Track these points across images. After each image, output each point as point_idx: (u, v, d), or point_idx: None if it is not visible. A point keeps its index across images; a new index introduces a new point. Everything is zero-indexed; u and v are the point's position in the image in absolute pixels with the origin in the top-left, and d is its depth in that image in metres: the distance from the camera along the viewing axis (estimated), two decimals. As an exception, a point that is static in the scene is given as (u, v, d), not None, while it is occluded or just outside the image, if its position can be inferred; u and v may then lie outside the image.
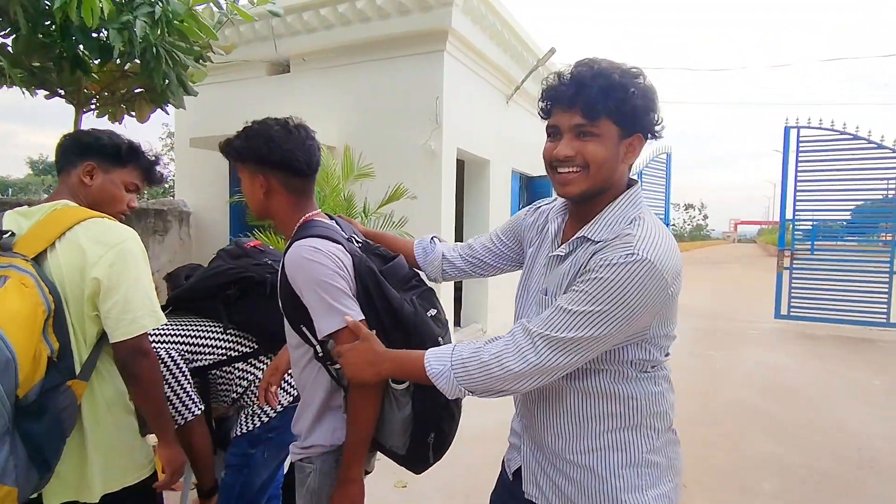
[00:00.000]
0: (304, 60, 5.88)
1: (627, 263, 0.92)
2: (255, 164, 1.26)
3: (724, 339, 7.02)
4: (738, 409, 4.23)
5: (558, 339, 0.95)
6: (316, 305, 1.13)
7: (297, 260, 1.15)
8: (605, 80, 0.95)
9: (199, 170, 6.59)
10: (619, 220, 1.01)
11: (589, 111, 0.96)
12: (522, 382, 0.98)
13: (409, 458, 1.26)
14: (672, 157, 10.29)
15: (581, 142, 0.98)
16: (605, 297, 0.92)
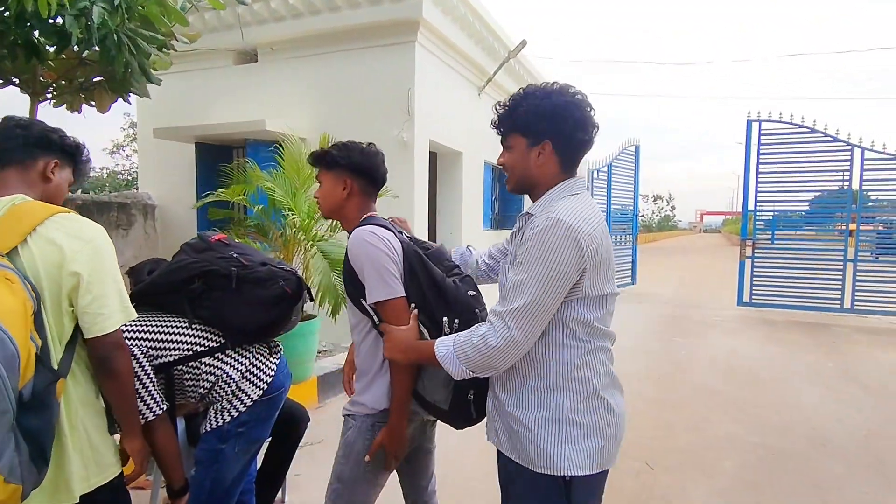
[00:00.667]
0: (272, 49, 5.76)
1: (547, 226, 1.14)
2: (345, 170, 1.56)
3: (689, 326, 7.25)
4: (702, 393, 4.39)
5: (515, 309, 1.14)
6: (369, 278, 1.41)
7: (358, 241, 1.44)
8: (511, 102, 1.25)
9: (164, 161, 6.41)
10: (551, 199, 1.24)
11: (503, 130, 1.29)
12: (506, 356, 1.16)
13: (453, 414, 1.45)
14: (641, 149, 10.51)
15: (505, 153, 1.31)
16: (534, 259, 1.14)
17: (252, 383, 1.60)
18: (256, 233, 3.96)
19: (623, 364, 5.58)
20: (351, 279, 1.47)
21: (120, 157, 24.40)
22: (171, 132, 5.72)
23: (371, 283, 1.41)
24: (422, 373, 1.44)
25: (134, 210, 6.14)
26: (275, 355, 1.72)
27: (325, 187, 1.59)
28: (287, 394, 1.77)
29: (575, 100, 1.23)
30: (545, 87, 1.24)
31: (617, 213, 10.39)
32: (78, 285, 1.18)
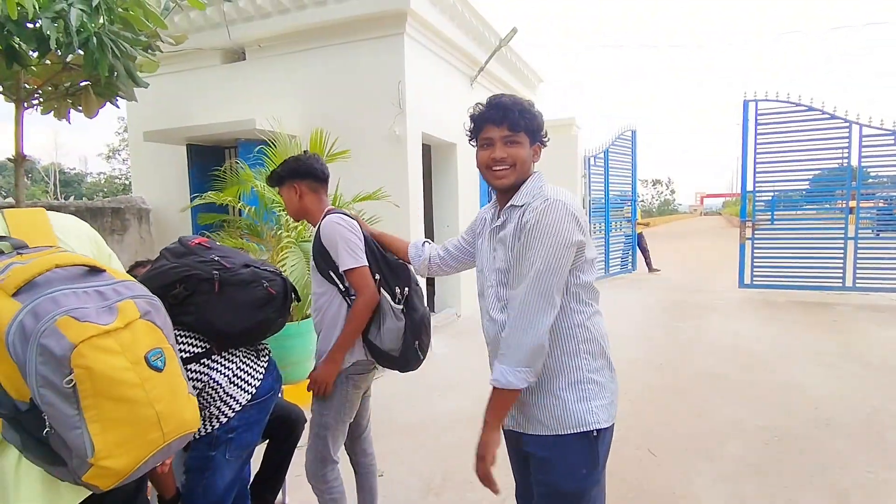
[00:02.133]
0: (259, 47, 5.70)
1: (545, 206, 1.30)
2: (290, 180, 1.97)
3: (690, 310, 7.22)
4: (704, 378, 4.37)
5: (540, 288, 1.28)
6: (342, 252, 1.82)
7: (331, 224, 1.86)
8: (520, 107, 1.39)
9: (157, 164, 6.37)
10: (532, 189, 1.40)
11: (513, 126, 1.38)
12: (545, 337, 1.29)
13: (402, 359, 1.91)
14: (637, 134, 10.42)
15: (510, 148, 1.39)
16: (544, 234, 1.27)
17: (240, 388, 1.57)
18: (250, 234, 3.93)
19: (625, 351, 5.59)
20: (323, 257, 1.86)
21: (116, 162, 24.33)
22: (162, 135, 5.67)
23: (343, 255, 1.82)
24: (380, 327, 1.86)
25: (128, 215, 6.11)
26: (263, 358, 1.69)
27: (285, 199, 2.02)
28: (278, 396, 1.74)
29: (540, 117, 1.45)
30: (528, 102, 1.44)
31: (615, 198, 10.33)
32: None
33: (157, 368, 0.97)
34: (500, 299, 1.40)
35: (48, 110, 4.37)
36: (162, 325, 1.04)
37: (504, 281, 1.39)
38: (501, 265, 1.39)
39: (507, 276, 1.37)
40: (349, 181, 4.53)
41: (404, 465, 2.94)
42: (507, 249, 1.37)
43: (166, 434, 0.98)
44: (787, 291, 8.04)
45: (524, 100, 1.43)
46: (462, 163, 6.65)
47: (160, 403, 0.96)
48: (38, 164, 38.02)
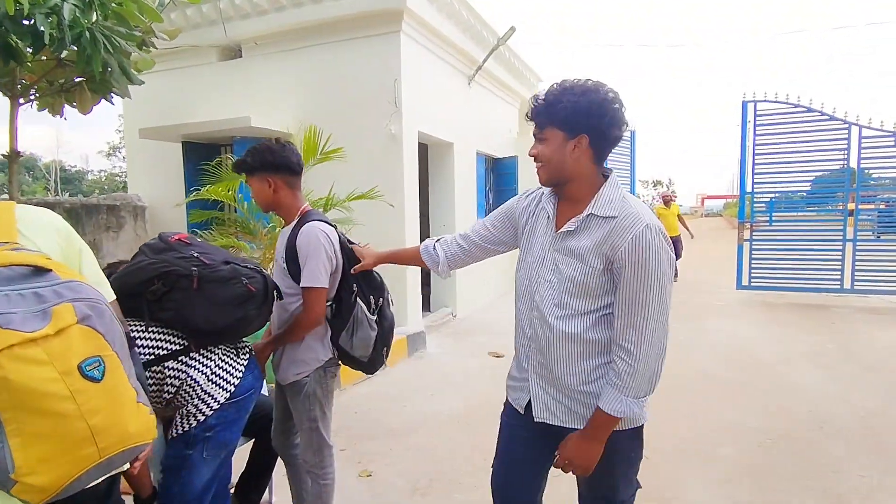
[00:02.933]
0: (255, 44, 5.67)
1: (640, 232, 1.25)
2: (264, 171, 1.89)
3: (688, 311, 7.19)
4: (701, 380, 4.34)
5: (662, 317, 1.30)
6: (309, 266, 1.82)
7: (313, 234, 1.83)
8: (550, 97, 1.31)
9: (153, 162, 6.35)
10: (613, 199, 1.32)
11: (539, 123, 1.34)
12: (664, 354, 1.35)
13: (369, 364, 2.03)
14: (637, 134, 10.38)
15: (539, 145, 1.35)
16: (650, 266, 1.25)
17: (218, 386, 1.54)
18: (242, 232, 3.91)
19: (619, 352, 5.47)
20: (294, 260, 1.86)
21: (117, 159, 24.36)
22: (157, 132, 5.65)
23: (309, 271, 1.82)
24: (353, 335, 1.93)
25: (124, 212, 6.08)
26: (242, 356, 1.66)
27: (254, 190, 1.95)
28: (259, 395, 1.72)
29: (610, 97, 1.30)
30: (582, 84, 1.30)
31: (614, 199, 10.29)
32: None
33: (93, 379, 0.90)
34: (563, 308, 1.36)
35: (44, 107, 4.34)
36: (105, 330, 0.96)
37: (575, 292, 1.34)
38: (575, 275, 1.33)
39: (581, 288, 1.33)
40: (344, 180, 4.50)
41: (392, 466, 2.91)
42: (588, 264, 1.31)
43: (103, 449, 0.91)
44: (785, 293, 8.00)
45: (568, 85, 1.30)
46: (459, 162, 6.62)
47: (96, 416, 0.90)
48: (40, 161, 38.07)
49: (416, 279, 5.70)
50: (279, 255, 1.97)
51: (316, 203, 3.96)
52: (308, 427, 1.97)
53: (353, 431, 3.38)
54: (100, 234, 5.80)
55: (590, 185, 1.34)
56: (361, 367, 2.04)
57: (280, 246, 1.97)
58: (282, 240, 1.97)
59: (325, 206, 3.95)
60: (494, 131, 7.97)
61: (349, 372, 4.21)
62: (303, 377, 1.92)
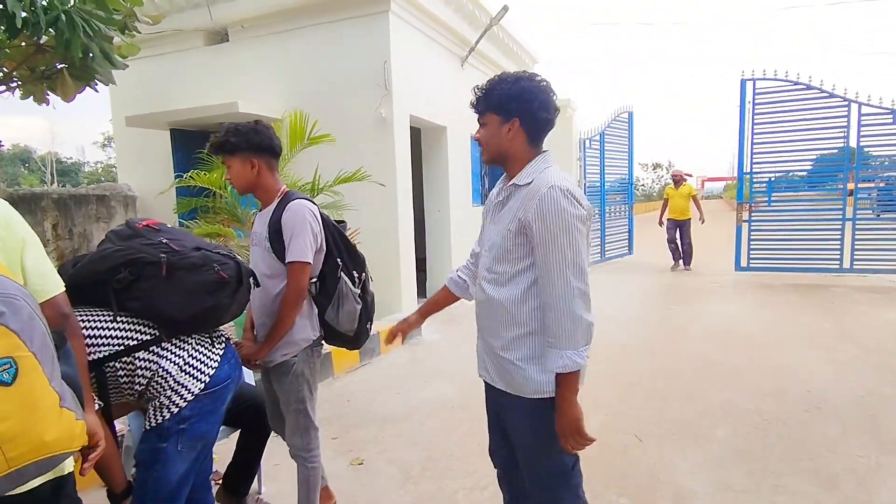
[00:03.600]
0: (242, 27, 5.55)
1: (544, 193, 1.37)
2: (247, 152, 1.89)
3: (685, 294, 7.15)
4: (696, 362, 4.31)
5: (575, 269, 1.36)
6: (296, 241, 1.84)
7: (301, 211, 1.87)
8: (487, 86, 1.48)
9: (142, 151, 6.26)
10: (533, 171, 1.46)
11: (479, 110, 1.50)
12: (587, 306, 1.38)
13: (354, 340, 2.11)
14: (635, 115, 10.25)
15: (481, 129, 1.51)
16: (552, 222, 1.34)
17: (192, 376, 1.49)
18: (230, 219, 3.84)
19: (616, 335, 5.50)
20: (279, 238, 1.86)
21: (112, 150, 24.18)
22: (144, 119, 5.55)
23: (295, 245, 1.84)
24: (338, 310, 2.00)
25: (114, 202, 5.99)
26: (218, 345, 1.61)
27: (235, 170, 1.92)
28: (237, 385, 1.67)
29: (540, 85, 1.45)
30: (516, 74, 1.46)
31: (612, 182, 10.20)
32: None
33: (2, 383, 0.84)
34: (491, 272, 1.50)
35: (27, 95, 4.25)
36: (20, 328, 0.89)
37: (498, 256, 1.47)
38: (496, 239, 1.47)
39: (502, 252, 1.46)
40: (333, 165, 4.42)
41: (384, 454, 2.88)
42: (506, 227, 1.44)
43: (12, 459, 0.85)
44: (784, 274, 7.96)
45: (504, 76, 1.46)
46: (453, 147, 6.53)
47: (5, 423, 0.84)
48: (35, 153, 37.79)
49: (410, 265, 5.65)
50: (260, 237, 1.95)
51: (303, 188, 3.89)
52: (295, 409, 1.98)
53: (344, 420, 3.36)
54: (90, 224, 5.72)
55: (523, 162, 1.48)
56: (347, 343, 2.11)
57: (261, 227, 1.96)
58: (262, 220, 1.97)
59: (312, 191, 3.88)
60: (489, 114, 7.86)
61: (342, 360, 4.21)
62: (290, 357, 1.95)
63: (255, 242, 2.01)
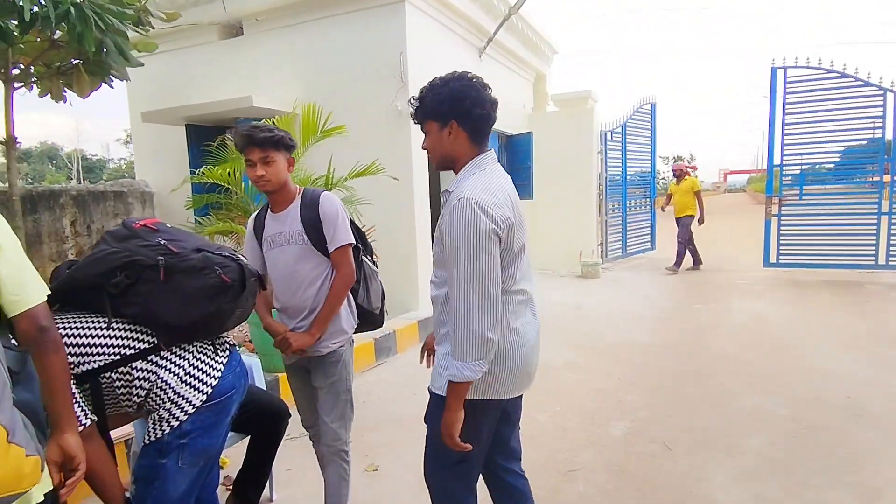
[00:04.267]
0: (257, 20, 5.47)
1: (455, 205, 1.35)
2: (289, 151, 1.97)
3: (711, 291, 6.92)
4: (725, 364, 4.12)
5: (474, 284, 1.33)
6: (340, 227, 1.95)
7: (333, 200, 2.00)
8: (420, 95, 1.46)
9: (159, 146, 6.25)
10: (460, 177, 1.44)
11: (418, 120, 1.50)
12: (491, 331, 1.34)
13: (381, 316, 2.23)
14: (657, 107, 9.95)
15: (426, 138, 1.50)
16: (456, 236, 1.33)
17: (193, 388, 1.39)
18: (243, 216, 3.76)
19: (639, 334, 5.30)
20: (317, 230, 1.94)
21: (133, 147, 24.51)
22: (160, 115, 5.52)
23: (341, 231, 1.95)
24: (367, 289, 2.14)
25: (131, 198, 6.01)
26: (222, 353, 1.51)
27: (278, 167, 1.93)
28: (243, 395, 1.57)
29: (470, 83, 1.42)
30: (445, 77, 1.43)
31: (633, 175, 9.92)
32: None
33: None
34: (434, 275, 1.52)
35: (44, 91, 4.23)
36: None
37: (435, 261, 1.50)
38: (433, 246, 1.50)
39: (436, 257, 1.47)
40: (349, 158, 4.32)
41: (400, 459, 2.78)
42: (438, 236, 1.44)
43: None
44: (816, 270, 7.63)
45: (434, 81, 1.44)
46: (471, 139, 6.37)
47: None
48: (62, 151, 38.67)
49: (427, 262, 5.54)
50: (287, 236, 1.97)
51: (316, 182, 3.79)
52: (344, 399, 2.04)
53: (359, 422, 3.24)
54: (108, 221, 5.73)
55: (466, 164, 1.46)
56: (373, 323, 2.22)
57: (285, 226, 1.97)
58: (281, 221, 1.99)
59: (326, 185, 3.78)
60: (507, 107, 7.67)
61: (359, 358, 4.12)
62: (339, 346, 2.02)
63: (281, 243, 1.99)
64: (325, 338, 1.98)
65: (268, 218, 2.04)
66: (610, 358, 4.31)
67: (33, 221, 5.05)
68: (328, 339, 1.99)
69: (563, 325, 5.39)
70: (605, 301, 6.47)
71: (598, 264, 8.18)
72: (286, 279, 1.99)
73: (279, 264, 2.00)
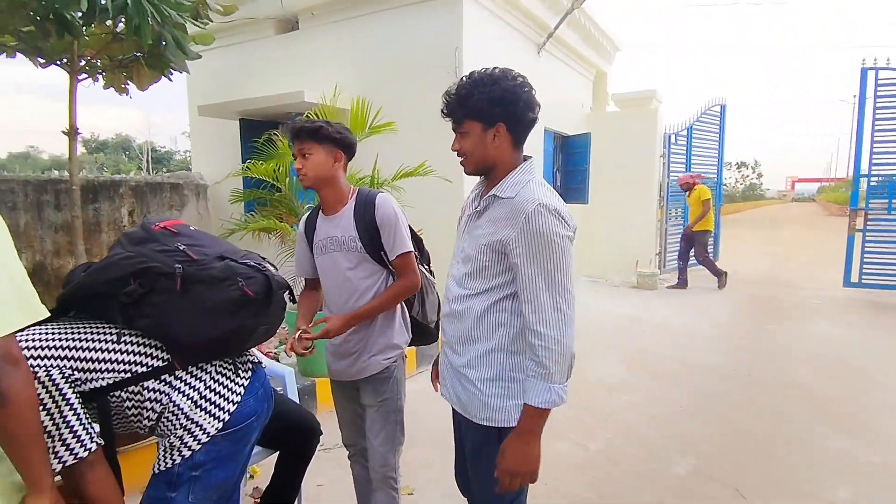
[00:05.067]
0: (312, 15, 5.42)
1: (531, 212, 1.25)
2: (336, 145, 1.82)
3: (783, 310, 6.33)
4: (801, 396, 3.68)
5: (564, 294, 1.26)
6: (398, 233, 1.81)
7: (391, 205, 1.84)
8: (462, 91, 1.32)
9: (214, 140, 6.34)
10: (516, 183, 1.34)
11: (455, 118, 1.36)
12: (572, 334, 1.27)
13: (435, 329, 2.09)
14: (727, 109, 9.28)
15: (460, 139, 1.37)
16: (541, 244, 1.24)
17: (208, 413, 1.24)
18: (287, 213, 3.68)
19: (705, 356, 4.83)
20: (372, 235, 1.79)
21: (197, 139, 25.55)
22: (215, 109, 5.58)
23: (400, 238, 1.81)
24: (423, 301, 2.02)
25: (186, 191, 6.11)
26: (243, 374, 1.35)
27: (317, 159, 1.78)
28: (265, 420, 1.41)
29: (521, 83, 1.32)
30: (491, 74, 1.32)
31: (697, 182, 9.30)
32: None
33: None
34: (462, 286, 1.40)
35: (109, 84, 4.33)
36: None
37: (471, 270, 1.38)
38: (472, 253, 1.37)
39: (477, 266, 1.36)
40: (395, 155, 4.16)
41: (437, 482, 2.59)
42: (483, 241, 1.34)
43: None
44: (905, 293, 6.87)
45: (476, 80, 1.31)
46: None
47: None
48: (134, 142, 41.12)
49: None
50: (340, 241, 1.82)
51: (361, 181, 3.65)
52: (394, 420, 1.94)
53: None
54: (164, 212, 5.86)
55: (508, 169, 1.36)
56: (427, 337, 2.10)
57: (339, 231, 1.83)
58: (335, 224, 1.84)
59: (371, 185, 3.63)
60: (565, 106, 7.34)
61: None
62: (391, 362, 1.91)
63: (333, 249, 1.85)
64: (377, 351, 1.87)
65: (319, 220, 1.89)
66: (669, 380, 3.95)
67: (94, 210, 5.22)
68: (379, 354, 1.87)
69: (617, 340, 5.04)
70: (664, 315, 6.03)
71: (656, 275, 7.70)
72: (338, 287, 1.86)
73: (331, 272, 1.87)
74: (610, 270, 8.14)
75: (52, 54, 3.75)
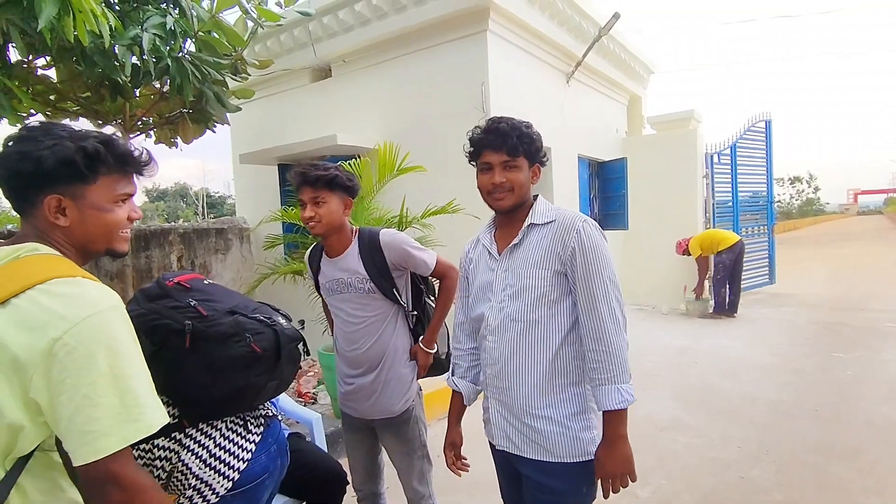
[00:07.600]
0: (343, 62, 5.63)
1: (580, 226, 1.35)
2: (346, 192, 1.82)
3: (852, 336, 5.83)
4: (881, 435, 3.31)
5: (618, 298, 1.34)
6: (416, 254, 1.85)
7: (392, 234, 1.86)
8: (518, 132, 1.39)
9: (255, 185, 6.59)
10: (545, 210, 1.44)
11: (511, 151, 1.39)
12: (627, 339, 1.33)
13: (447, 360, 2.04)
14: (772, 124, 8.90)
15: (508, 172, 1.41)
16: (597, 255, 1.33)
17: (217, 472, 1.20)
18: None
19: (765, 389, 4.47)
20: (382, 273, 1.80)
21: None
22: (256, 156, 5.81)
23: (420, 255, 1.85)
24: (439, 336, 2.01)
25: (230, 235, 6.35)
26: (255, 429, 1.31)
27: (331, 206, 1.78)
28: (279, 477, 1.37)
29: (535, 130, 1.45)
30: (520, 120, 1.42)
31: (746, 200, 8.89)
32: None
33: None
34: (522, 320, 1.38)
35: (160, 139, 4.63)
36: None
37: (532, 302, 1.37)
38: (530, 282, 1.37)
39: (536, 294, 1.36)
40: (428, 193, 4.17)
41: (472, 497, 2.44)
42: (537, 268, 1.37)
43: None
44: None
45: (523, 123, 1.42)
46: (558, 169, 6.01)
47: None
48: (191, 189, 43.73)
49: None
50: (346, 283, 1.85)
51: (390, 221, 3.66)
52: (420, 456, 1.96)
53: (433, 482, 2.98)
54: (209, 256, 6.09)
55: (529, 206, 1.46)
56: (438, 369, 2.06)
57: (343, 273, 1.85)
58: (339, 266, 1.87)
59: (400, 224, 3.63)
60: (598, 132, 7.23)
61: (433, 406, 3.83)
62: (409, 402, 1.93)
63: (339, 290, 1.88)
64: (396, 393, 1.90)
65: (323, 262, 1.92)
66: (728, 418, 3.65)
67: (145, 258, 5.48)
68: (400, 394, 1.90)
69: (668, 372, 4.75)
70: (718, 345, 5.67)
71: (707, 300, 7.30)
72: (345, 327, 1.90)
73: (339, 312, 1.91)
74: (656, 298, 7.80)
75: (108, 116, 4.03)
